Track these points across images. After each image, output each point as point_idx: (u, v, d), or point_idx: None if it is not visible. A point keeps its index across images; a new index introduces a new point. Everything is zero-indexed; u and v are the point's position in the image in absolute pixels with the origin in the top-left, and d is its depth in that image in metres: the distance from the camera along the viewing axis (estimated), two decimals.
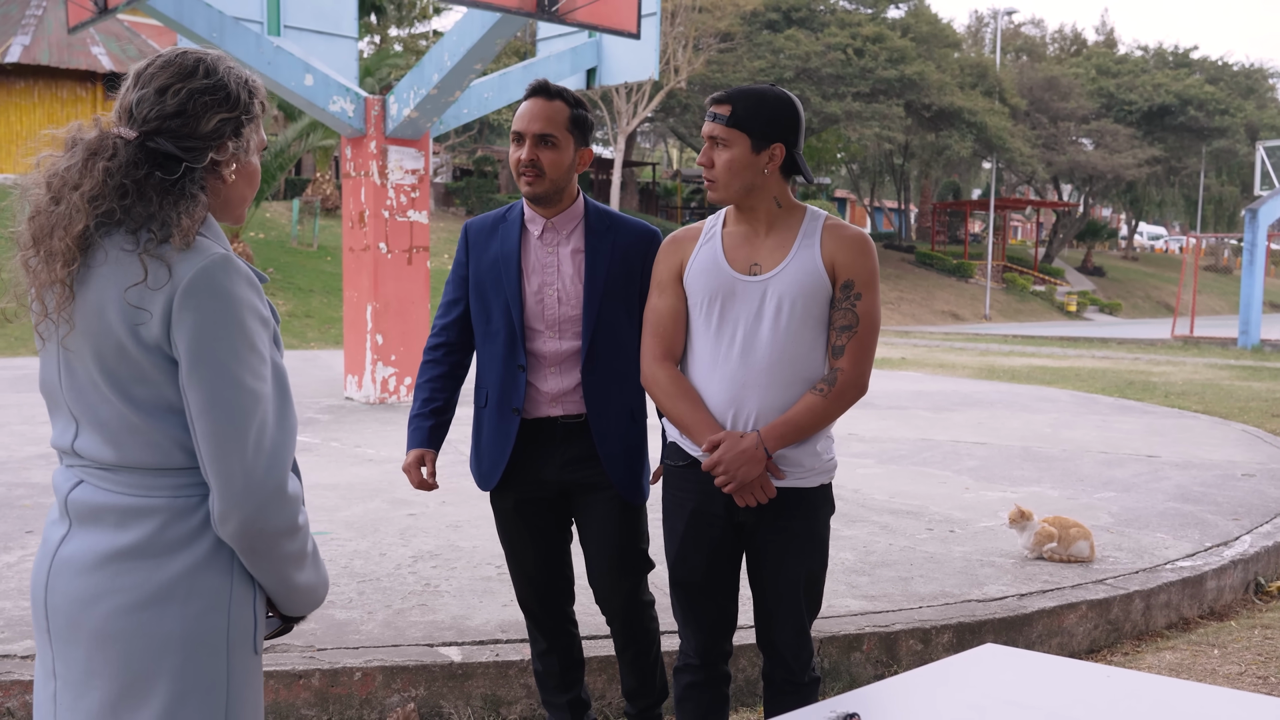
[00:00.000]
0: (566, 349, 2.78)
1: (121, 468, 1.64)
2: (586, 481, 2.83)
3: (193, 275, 1.57)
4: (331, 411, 9.42)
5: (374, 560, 4.61)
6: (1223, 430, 9.47)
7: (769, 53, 34.08)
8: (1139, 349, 22.12)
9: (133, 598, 1.61)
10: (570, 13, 8.33)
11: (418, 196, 10.07)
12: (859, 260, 2.49)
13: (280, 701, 3.32)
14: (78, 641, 1.63)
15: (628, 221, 2.86)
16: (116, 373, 1.60)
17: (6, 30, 22.98)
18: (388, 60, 28.53)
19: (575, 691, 3.05)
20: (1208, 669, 4.04)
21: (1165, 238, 69.09)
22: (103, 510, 1.64)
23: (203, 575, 1.63)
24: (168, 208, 1.59)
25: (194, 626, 1.62)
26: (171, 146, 1.62)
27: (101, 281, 1.59)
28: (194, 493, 1.64)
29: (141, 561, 1.61)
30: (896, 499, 6.17)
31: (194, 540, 1.63)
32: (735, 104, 2.45)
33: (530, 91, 2.74)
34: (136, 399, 1.61)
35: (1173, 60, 46.41)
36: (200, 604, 1.62)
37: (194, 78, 1.65)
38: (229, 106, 1.66)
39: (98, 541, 1.63)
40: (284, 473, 1.62)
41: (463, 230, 2.91)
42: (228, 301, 1.58)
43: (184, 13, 8.61)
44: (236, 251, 13.76)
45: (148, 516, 1.62)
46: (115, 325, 1.58)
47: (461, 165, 40.29)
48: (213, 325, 1.57)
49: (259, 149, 1.75)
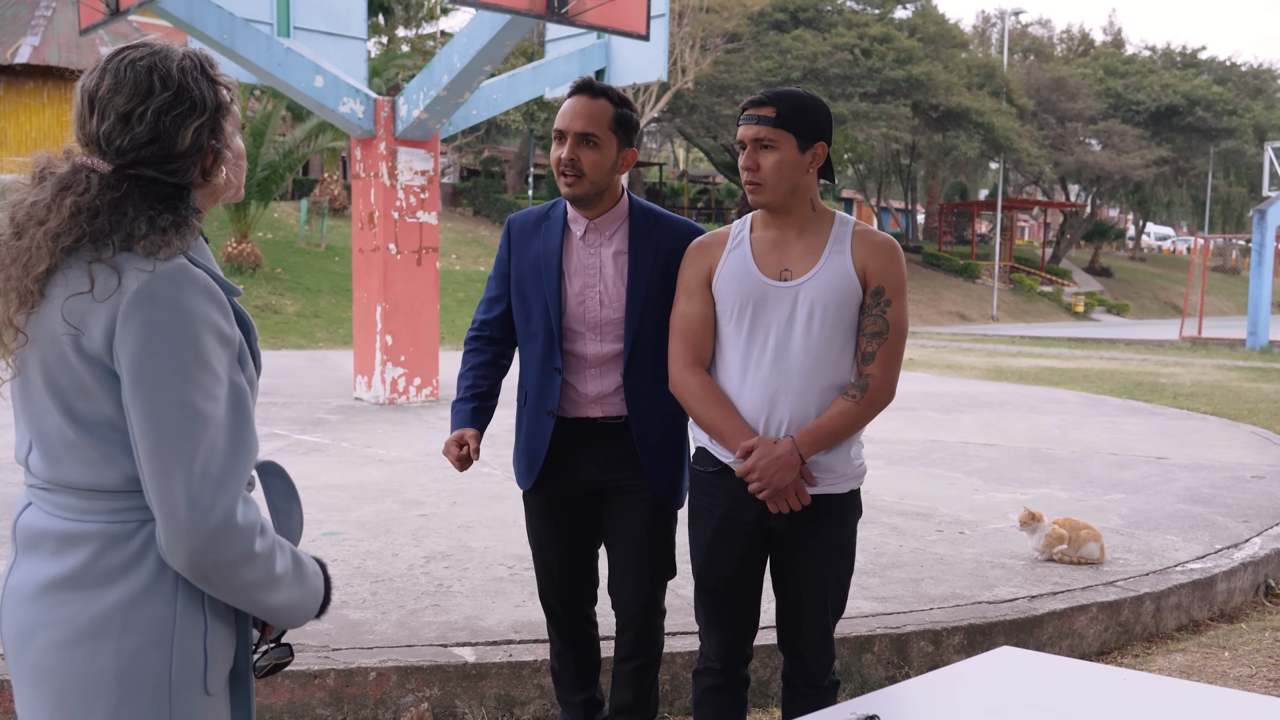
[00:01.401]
0: (608, 351, 2.75)
1: (59, 487, 1.53)
2: (622, 484, 2.81)
3: (139, 285, 1.45)
4: (341, 412, 9.44)
5: (386, 561, 4.63)
6: (1232, 432, 9.46)
7: (776, 53, 34.08)
8: (1147, 350, 22.10)
9: (66, 631, 1.50)
10: (579, 14, 8.34)
11: (427, 197, 10.10)
12: (889, 267, 2.50)
13: (296, 701, 3.35)
14: (22, 677, 1.55)
15: (673, 221, 2.80)
16: (59, 383, 1.50)
17: (16, 31, 23.07)
18: (395, 61, 28.59)
19: (590, 691, 3.05)
20: (1218, 671, 4.04)
21: (1173, 238, 68.97)
22: (42, 535, 1.54)
23: (140, 608, 1.50)
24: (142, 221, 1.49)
25: (130, 664, 1.49)
26: (155, 173, 1.52)
27: (55, 290, 1.49)
28: (130, 518, 1.52)
29: (76, 593, 1.50)
30: (906, 500, 6.18)
31: (130, 570, 1.50)
32: (778, 105, 2.44)
33: (574, 89, 2.66)
34: (76, 412, 1.50)
35: (1180, 60, 46.33)
36: (137, 640, 1.50)
37: (153, 95, 1.51)
38: (199, 112, 1.55)
39: (36, 570, 1.53)
40: (232, 502, 1.47)
41: (505, 226, 2.88)
42: (177, 314, 1.46)
43: (195, 15, 8.65)
44: (244, 252, 13.75)
45: (82, 543, 1.51)
46: (60, 335, 1.48)
47: (469, 165, 40.37)
48: (159, 339, 1.45)
49: (237, 128, 1.64)
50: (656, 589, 2.89)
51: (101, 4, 8.78)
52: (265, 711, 3.32)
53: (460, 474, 6.54)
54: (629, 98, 2.71)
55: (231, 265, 19.96)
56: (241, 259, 20.13)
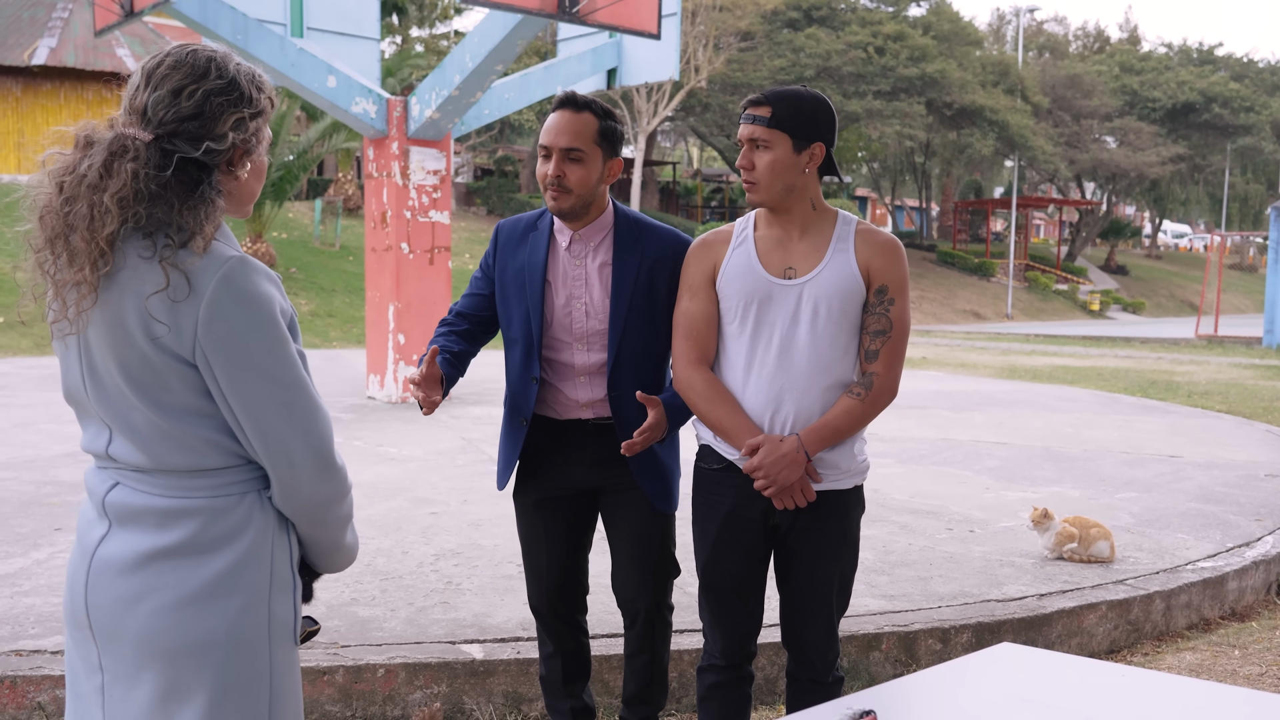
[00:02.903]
0: (595, 361, 2.75)
1: (158, 471, 1.66)
2: (616, 483, 2.81)
3: (216, 284, 1.58)
4: (354, 410, 9.48)
5: (396, 558, 4.65)
6: (1246, 430, 9.41)
7: (789, 51, 34.03)
8: (1162, 348, 21.98)
9: (175, 596, 1.63)
10: (591, 14, 8.35)
11: (439, 197, 10.12)
12: (892, 266, 2.52)
13: (305, 697, 3.36)
14: (124, 639, 1.66)
15: (657, 230, 2.79)
16: (142, 381, 1.61)
17: (33, 33, 23.20)
18: (409, 61, 28.62)
19: (578, 699, 3.01)
20: (1228, 670, 4.03)
21: (1189, 236, 68.57)
22: (142, 512, 1.66)
23: (243, 573, 1.66)
24: (187, 213, 1.60)
25: (236, 623, 1.65)
26: (190, 149, 1.62)
27: (120, 288, 1.59)
28: (232, 491, 1.67)
29: (183, 560, 1.64)
30: (916, 499, 6.17)
31: (234, 539, 1.66)
32: (775, 105, 2.45)
33: (558, 103, 2.66)
34: (165, 406, 1.62)
35: (1197, 57, 46.07)
36: (241, 601, 1.66)
37: (207, 78, 1.64)
38: (243, 105, 1.67)
39: (139, 542, 1.65)
40: (333, 443, 1.69)
41: (495, 231, 2.88)
42: (254, 303, 1.60)
43: (208, 15, 8.69)
44: (259, 251, 13.89)
45: (188, 517, 1.65)
46: (136, 334, 1.59)
47: (483, 165, 40.42)
48: (246, 331, 1.60)
49: (266, 144, 1.75)
50: (659, 587, 2.88)
51: (116, 5, 8.83)
52: None
53: (470, 474, 6.58)
54: (611, 108, 2.70)
55: None
56: (256, 258, 20.13)
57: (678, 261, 2.73)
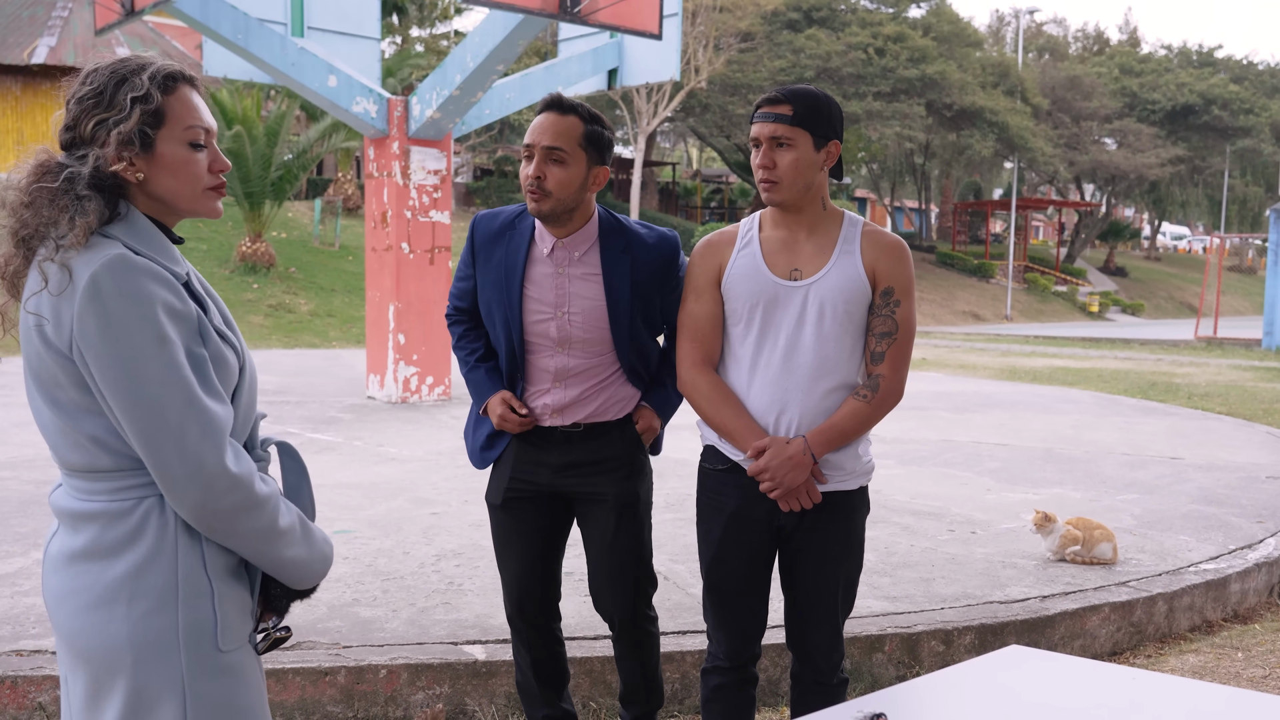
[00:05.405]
0: (573, 365, 2.72)
1: (70, 472, 1.69)
2: (585, 490, 2.78)
3: (87, 280, 1.57)
4: (354, 410, 9.47)
5: (398, 559, 4.64)
6: (1246, 432, 9.41)
7: (790, 52, 34.02)
8: (1162, 350, 21.99)
9: (85, 599, 1.66)
10: (592, 14, 8.34)
11: (440, 197, 10.12)
12: (898, 268, 2.51)
13: (306, 698, 3.36)
14: (59, 636, 1.71)
15: (646, 237, 2.74)
16: (40, 376, 1.65)
17: (33, 32, 23.19)
18: (409, 60, 28.61)
19: (554, 707, 2.96)
20: (1231, 672, 4.03)
21: (1188, 238, 68.64)
22: (63, 513, 1.71)
23: (144, 577, 1.64)
24: (59, 213, 1.61)
25: (140, 627, 1.63)
26: (78, 163, 1.65)
27: (28, 289, 1.64)
28: (128, 496, 1.66)
29: (90, 564, 1.66)
30: (918, 500, 6.17)
31: (132, 544, 1.65)
32: (794, 103, 2.43)
33: (543, 105, 2.61)
34: (60, 403, 1.64)
35: (1197, 59, 46.09)
36: (144, 605, 1.64)
37: (80, 88, 1.68)
38: (103, 108, 1.66)
39: (64, 543, 1.70)
40: (219, 453, 1.61)
41: (471, 225, 2.81)
42: (127, 299, 1.58)
43: (209, 15, 8.68)
44: (259, 251, 13.93)
45: (90, 521, 1.66)
46: (32, 330, 1.62)
47: (482, 165, 40.41)
48: (114, 326, 1.57)
49: (185, 140, 1.69)
50: (638, 597, 2.85)
51: (117, 4, 8.81)
52: (276, 708, 3.33)
53: (471, 474, 6.57)
54: (600, 115, 2.66)
55: (245, 265, 20.01)
56: (255, 258, 20.18)
57: (668, 265, 2.72)
